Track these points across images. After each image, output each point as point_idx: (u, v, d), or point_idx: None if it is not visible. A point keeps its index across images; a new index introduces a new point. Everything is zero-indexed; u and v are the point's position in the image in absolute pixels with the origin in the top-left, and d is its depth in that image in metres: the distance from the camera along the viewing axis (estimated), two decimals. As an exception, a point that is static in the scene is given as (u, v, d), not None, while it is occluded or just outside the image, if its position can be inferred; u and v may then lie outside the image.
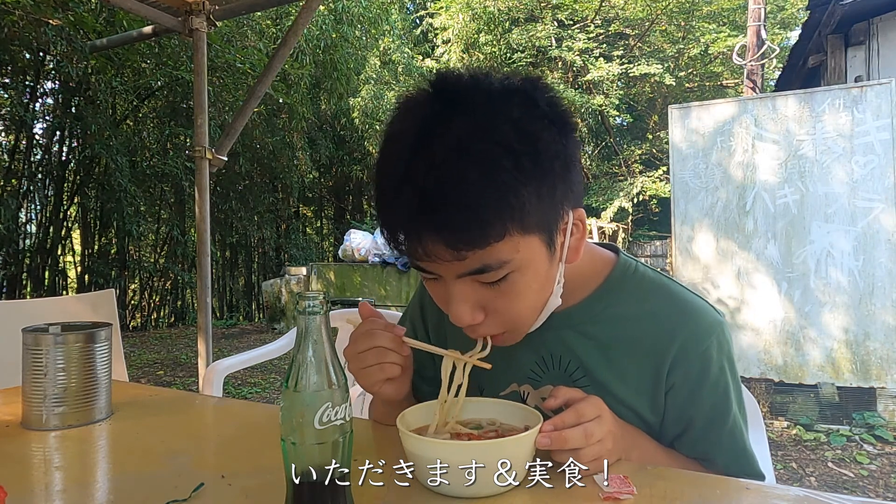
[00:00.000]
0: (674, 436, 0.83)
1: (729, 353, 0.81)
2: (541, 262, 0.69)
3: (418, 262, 0.68)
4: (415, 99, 0.69)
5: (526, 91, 0.67)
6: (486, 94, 0.65)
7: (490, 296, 0.70)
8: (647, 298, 0.82)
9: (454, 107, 0.64)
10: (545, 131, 0.65)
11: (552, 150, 0.66)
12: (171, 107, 8.22)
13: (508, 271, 0.67)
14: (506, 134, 0.63)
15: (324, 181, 12.87)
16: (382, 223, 0.68)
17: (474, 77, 0.68)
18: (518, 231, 0.64)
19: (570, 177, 0.69)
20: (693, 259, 4.00)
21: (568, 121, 0.69)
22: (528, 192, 0.63)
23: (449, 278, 0.69)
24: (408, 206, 0.63)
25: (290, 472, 0.57)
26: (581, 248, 0.75)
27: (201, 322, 3.18)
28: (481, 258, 0.64)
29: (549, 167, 0.65)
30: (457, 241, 0.63)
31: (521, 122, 0.64)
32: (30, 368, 0.92)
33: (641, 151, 13.66)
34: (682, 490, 0.65)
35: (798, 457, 3.20)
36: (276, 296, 7.80)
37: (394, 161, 0.65)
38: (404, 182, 0.63)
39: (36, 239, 7.38)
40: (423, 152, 0.62)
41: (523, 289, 0.70)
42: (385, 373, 0.77)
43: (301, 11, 3.12)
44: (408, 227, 0.65)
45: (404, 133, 0.66)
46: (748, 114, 3.82)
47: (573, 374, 0.82)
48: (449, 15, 12.60)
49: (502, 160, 0.62)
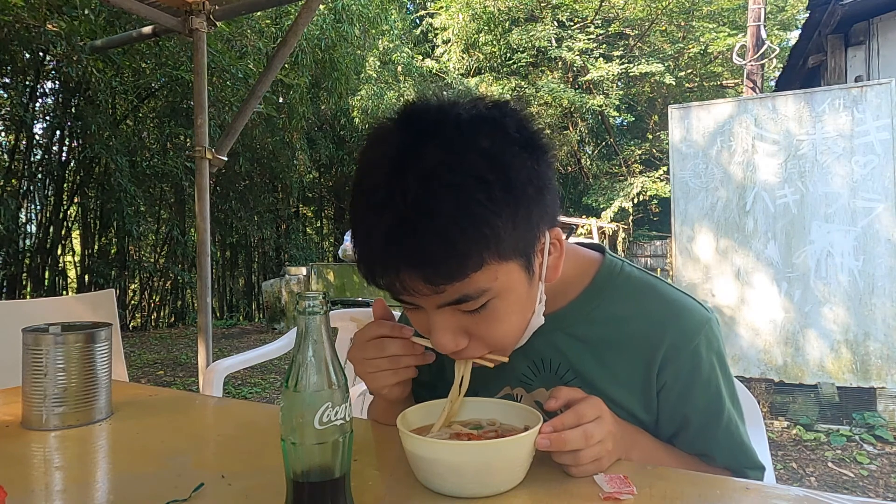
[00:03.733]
0: (670, 434, 0.83)
1: (718, 350, 0.81)
2: (520, 286, 0.70)
3: (397, 296, 0.69)
4: (384, 130, 0.68)
5: (494, 119, 0.66)
6: (454, 124, 0.65)
7: (471, 322, 0.70)
8: (634, 298, 0.83)
9: (423, 138, 0.64)
10: (516, 158, 0.65)
11: (524, 175, 0.65)
12: (170, 107, 8.22)
13: (488, 299, 0.67)
14: (476, 164, 0.62)
15: (324, 181, 12.87)
16: (359, 259, 0.68)
17: (442, 107, 0.67)
18: (495, 259, 0.64)
19: (544, 199, 0.69)
20: (693, 259, 4.00)
21: (539, 143, 0.69)
22: (503, 222, 0.63)
23: (429, 308, 0.69)
24: (383, 242, 0.63)
25: (290, 472, 0.57)
26: (560, 265, 0.76)
27: (201, 322, 3.18)
28: (460, 289, 0.64)
29: (521, 193, 0.65)
30: (435, 275, 0.63)
31: (490, 150, 0.63)
32: (30, 368, 0.92)
33: (641, 151, 13.67)
34: (682, 490, 0.65)
35: (798, 457, 3.20)
36: (276, 296, 7.80)
37: (366, 194, 0.65)
38: (378, 216, 0.63)
39: (36, 239, 7.38)
40: (395, 187, 0.62)
41: (504, 313, 0.70)
42: (399, 376, 0.78)
43: (301, 11, 3.12)
44: (384, 264, 0.65)
45: (374, 167, 0.66)
46: (748, 114, 3.82)
47: (564, 376, 0.83)
48: (449, 15, 12.61)
49: (474, 191, 0.61)
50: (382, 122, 0.70)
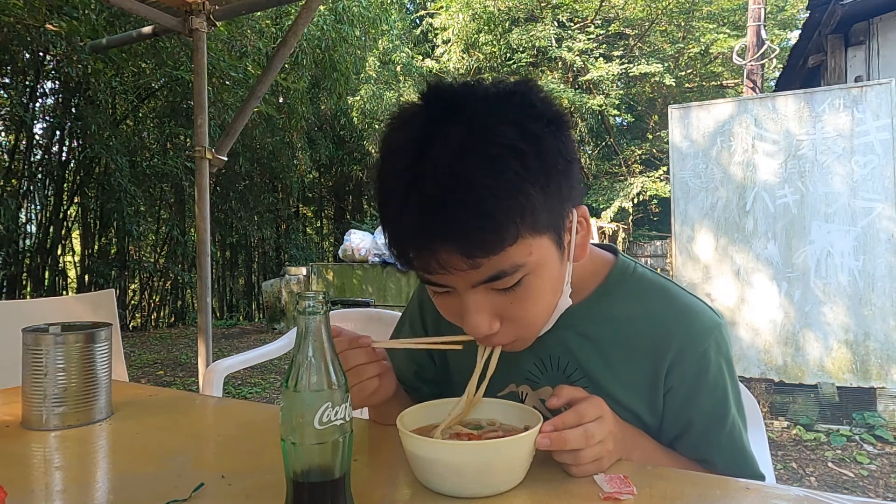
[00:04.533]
0: (672, 437, 0.83)
1: (727, 355, 0.81)
2: (553, 263, 0.69)
3: (430, 275, 0.67)
4: (409, 111, 0.68)
5: (522, 93, 0.66)
6: (481, 98, 0.65)
7: (505, 302, 0.69)
8: (645, 300, 0.82)
9: (452, 112, 0.63)
10: (546, 130, 0.65)
11: (554, 148, 0.65)
12: (170, 107, 8.22)
13: (523, 275, 0.66)
14: (508, 134, 0.62)
15: (324, 181, 12.87)
16: (391, 240, 0.66)
17: (465, 83, 0.67)
18: (530, 233, 0.64)
19: (571, 174, 0.69)
20: (693, 259, 4.00)
21: (564, 119, 0.69)
22: (536, 192, 0.62)
23: (463, 289, 0.68)
24: (417, 218, 0.61)
25: (290, 472, 0.57)
26: (587, 245, 0.75)
27: (201, 322, 3.18)
28: (496, 264, 0.64)
29: (552, 165, 0.65)
30: (472, 247, 0.61)
31: (521, 122, 0.63)
32: (30, 368, 0.92)
33: (641, 151, 13.66)
34: (682, 490, 0.65)
35: (798, 457, 3.20)
36: (276, 296, 7.80)
37: (396, 174, 0.64)
38: (410, 194, 0.61)
39: (36, 239, 7.37)
40: (426, 161, 0.61)
41: (538, 291, 0.69)
42: (366, 391, 0.77)
43: (301, 11, 3.12)
44: (419, 240, 0.63)
45: (403, 145, 0.64)
46: (748, 114, 3.82)
47: (571, 375, 0.82)
48: (449, 15, 12.60)
49: (508, 160, 0.61)
50: (404, 105, 0.69)
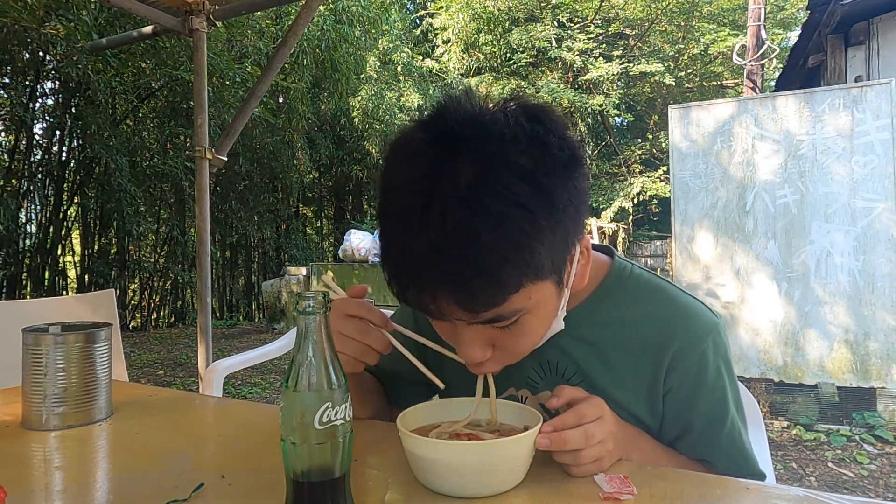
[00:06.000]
0: (672, 438, 0.83)
1: (725, 355, 0.81)
2: (551, 300, 0.70)
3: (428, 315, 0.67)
4: (413, 145, 0.64)
5: (538, 137, 0.62)
6: (495, 140, 0.61)
7: (500, 335, 0.70)
8: (643, 301, 0.82)
9: (460, 154, 0.60)
10: (559, 179, 0.62)
11: (565, 197, 0.63)
12: (170, 107, 8.22)
13: (520, 315, 0.67)
14: (519, 190, 0.59)
15: (324, 181, 12.87)
16: (391, 277, 0.65)
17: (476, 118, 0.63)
18: (531, 282, 0.64)
19: (580, 215, 0.67)
20: (693, 259, 4.00)
21: (578, 156, 0.66)
22: (543, 249, 0.61)
23: (460, 325, 0.68)
24: (420, 264, 0.61)
25: (290, 472, 0.57)
26: (586, 273, 0.75)
27: (201, 322, 3.18)
28: (495, 311, 0.64)
29: (561, 218, 0.63)
30: (473, 302, 0.62)
31: (533, 174, 0.60)
32: (30, 368, 0.92)
33: (641, 151, 13.67)
34: (682, 490, 0.64)
35: (798, 457, 3.20)
36: (276, 296, 7.80)
37: (400, 216, 0.62)
38: (414, 239, 0.60)
39: (36, 239, 7.37)
40: (433, 208, 0.59)
41: (534, 328, 0.71)
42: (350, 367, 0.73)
43: (301, 11, 3.12)
44: (420, 286, 0.63)
45: (407, 184, 0.62)
46: (748, 114, 3.82)
47: (571, 379, 0.83)
48: (449, 15, 12.61)
49: (517, 220, 0.59)
50: (408, 131, 0.66)
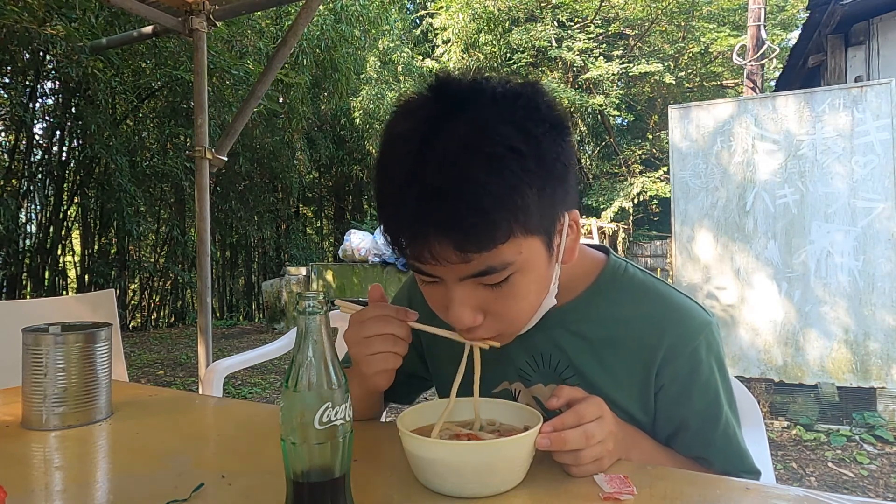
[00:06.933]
0: (666, 436, 0.83)
1: (718, 353, 0.82)
2: (541, 264, 0.70)
3: (421, 264, 0.68)
4: (415, 101, 0.69)
5: (528, 95, 0.67)
6: (488, 96, 0.66)
7: (491, 297, 0.70)
8: (636, 299, 0.83)
9: (457, 108, 0.64)
10: (547, 134, 0.66)
11: (553, 152, 0.66)
12: (171, 107, 8.22)
13: (511, 273, 0.67)
14: (511, 135, 0.63)
15: (324, 181, 12.88)
16: (386, 225, 0.67)
17: (474, 80, 0.68)
18: (521, 232, 0.65)
19: (567, 179, 0.70)
20: (693, 259, 4.00)
21: (566, 124, 0.70)
22: (532, 194, 0.63)
23: (451, 281, 0.69)
24: (414, 206, 0.62)
25: (290, 472, 0.57)
26: (576, 249, 0.76)
27: (201, 322, 3.18)
28: (486, 260, 0.65)
29: (550, 169, 0.66)
30: (465, 241, 0.63)
31: (524, 124, 0.64)
32: (30, 368, 0.92)
33: (641, 151, 13.67)
34: (682, 490, 0.65)
35: (798, 457, 3.20)
36: (276, 296, 7.80)
37: (398, 162, 0.65)
38: (410, 183, 0.62)
39: (36, 239, 7.37)
40: (429, 153, 0.62)
41: (524, 290, 0.70)
42: (389, 363, 0.77)
43: (301, 11, 3.12)
44: (414, 229, 0.64)
45: (407, 134, 0.65)
46: (748, 114, 3.82)
47: (563, 373, 0.83)
48: (449, 15, 12.61)
49: (509, 161, 0.62)
50: (412, 95, 0.70)
